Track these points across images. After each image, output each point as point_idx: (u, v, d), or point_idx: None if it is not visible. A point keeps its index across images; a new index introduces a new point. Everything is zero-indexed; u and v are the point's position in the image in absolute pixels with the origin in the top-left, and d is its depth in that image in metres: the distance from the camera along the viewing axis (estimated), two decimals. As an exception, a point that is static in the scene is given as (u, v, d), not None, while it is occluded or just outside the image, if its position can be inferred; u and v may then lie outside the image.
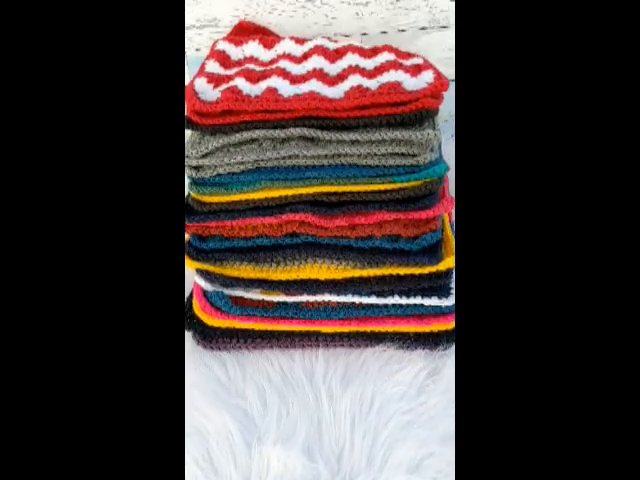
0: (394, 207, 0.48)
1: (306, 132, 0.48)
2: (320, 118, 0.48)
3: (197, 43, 0.71)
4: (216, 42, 0.61)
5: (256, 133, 0.49)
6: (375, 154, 0.48)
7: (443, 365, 0.48)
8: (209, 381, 0.47)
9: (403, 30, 0.73)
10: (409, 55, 0.57)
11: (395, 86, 0.49)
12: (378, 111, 0.48)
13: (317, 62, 0.56)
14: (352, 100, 0.47)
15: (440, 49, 0.73)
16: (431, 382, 0.46)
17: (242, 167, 0.49)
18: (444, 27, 0.72)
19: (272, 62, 0.58)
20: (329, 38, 0.61)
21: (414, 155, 0.47)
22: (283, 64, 0.56)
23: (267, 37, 0.62)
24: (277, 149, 0.49)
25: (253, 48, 0.61)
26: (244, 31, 0.69)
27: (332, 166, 0.49)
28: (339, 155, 0.48)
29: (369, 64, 0.54)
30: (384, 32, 0.73)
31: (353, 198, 0.48)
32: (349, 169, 0.48)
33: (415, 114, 0.47)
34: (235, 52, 0.61)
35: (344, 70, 0.54)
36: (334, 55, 0.57)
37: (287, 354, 0.50)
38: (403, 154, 0.48)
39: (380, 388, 0.45)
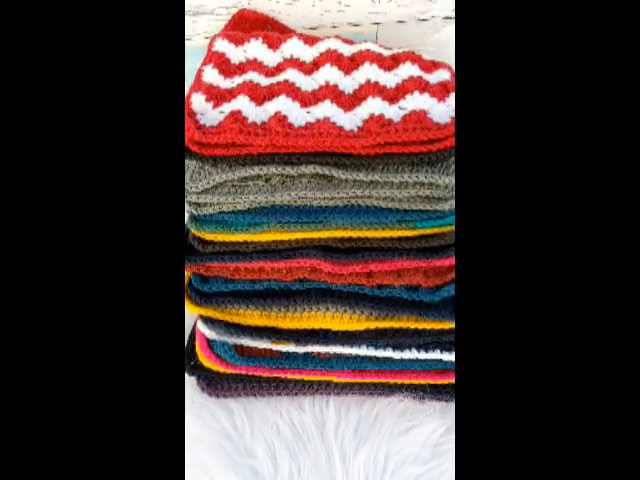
0: (415, 255, 0.44)
1: (320, 170, 0.43)
2: (336, 155, 0.43)
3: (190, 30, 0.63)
4: (214, 39, 0.54)
5: (264, 170, 0.43)
6: (396, 197, 0.43)
7: (461, 421, 0.46)
8: (215, 434, 0.45)
9: (424, 20, 0.65)
10: (434, 65, 0.50)
11: (420, 117, 0.43)
12: (401, 149, 0.42)
13: (330, 74, 0.49)
14: (373, 137, 0.42)
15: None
16: (447, 440, 0.44)
17: (248, 205, 0.45)
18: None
19: (279, 69, 0.51)
20: (342, 38, 0.54)
21: (439, 199, 0.43)
22: (291, 75, 0.50)
23: (271, 35, 0.55)
24: (287, 188, 0.44)
25: (256, 49, 0.54)
26: (245, 22, 0.61)
27: (348, 208, 0.44)
28: (356, 197, 0.44)
29: (389, 80, 0.48)
30: (401, 21, 0.65)
31: (370, 245, 0.44)
32: (366, 213, 0.43)
33: (442, 153, 0.42)
34: (236, 54, 0.54)
35: (361, 86, 0.48)
36: (349, 64, 0.50)
37: (296, 402, 0.48)
38: (427, 197, 0.43)
39: (394, 447, 0.43)
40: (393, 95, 0.46)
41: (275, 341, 0.46)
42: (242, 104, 0.46)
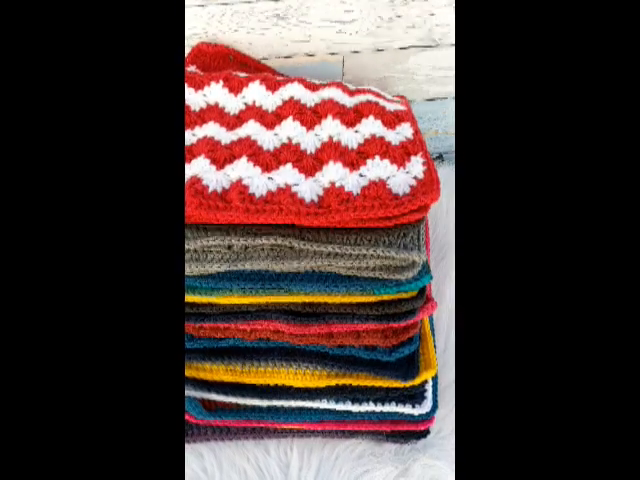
0: (374, 319, 0.46)
1: (280, 241, 0.44)
2: (297, 227, 0.44)
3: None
4: None
5: (225, 241, 0.44)
6: (355, 267, 0.44)
7: (413, 462, 0.50)
8: (186, 478, 0.48)
9: (396, 48, 0.63)
10: (397, 119, 0.50)
11: (379, 190, 0.43)
12: (359, 225, 0.43)
13: (292, 129, 0.49)
14: (332, 215, 0.42)
15: (430, 67, 0.65)
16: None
17: (211, 271, 0.45)
18: (432, 46, 0.63)
19: (240, 118, 0.51)
20: (305, 82, 0.53)
21: (397, 268, 0.44)
22: (253, 129, 0.49)
23: (232, 78, 0.53)
24: (250, 257, 0.44)
25: (217, 93, 0.53)
26: (204, 55, 0.59)
27: (309, 275, 0.45)
28: (317, 266, 0.45)
29: (351, 139, 0.48)
30: (377, 50, 0.63)
31: (330, 309, 0.46)
32: (327, 280, 0.45)
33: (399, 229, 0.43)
34: (195, 99, 0.52)
35: (323, 145, 0.48)
36: (311, 117, 0.50)
37: (262, 445, 0.51)
38: (386, 266, 0.44)
39: (352, 490, 0.48)
40: (354, 159, 0.46)
41: (240, 396, 0.48)
42: (202, 168, 0.45)
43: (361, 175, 0.45)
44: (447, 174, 0.69)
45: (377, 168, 0.46)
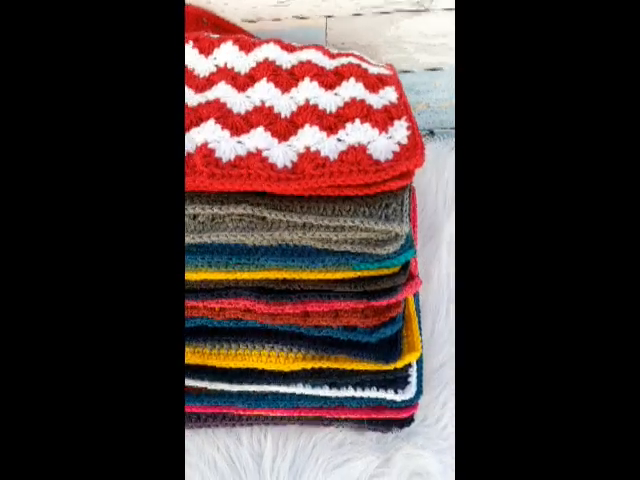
0: (352, 296, 0.42)
1: (250, 211, 0.40)
2: (268, 195, 0.40)
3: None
4: None
5: (189, 209, 0.40)
6: (332, 240, 0.41)
7: (396, 452, 0.46)
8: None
9: (382, 12, 0.59)
10: (380, 82, 0.47)
11: (359, 155, 0.40)
12: (336, 192, 0.40)
13: (266, 92, 0.45)
14: (305, 180, 0.39)
15: (420, 35, 0.61)
16: (381, 473, 0.45)
17: (175, 244, 0.42)
18: (421, 11, 0.59)
19: (210, 80, 0.47)
20: (281, 43, 0.49)
21: (377, 241, 0.41)
22: (223, 92, 0.45)
23: (204, 38, 0.49)
24: (217, 228, 0.41)
25: (186, 54, 0.49)
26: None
27: (282, 248, 0.41)
28: (290, 238, 0.41)
29: (330, 102, 0.44)
30: (357, 14, 0.59)
31: (305, 286, 0.42)
32: (301, 254, 0.41)
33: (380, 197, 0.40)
34: (165, 60, 0.48)
35: (299, 108, 0.44)
36: (287, 80, 0.46)
37: (234, 433, 0.47)
38: (365, 239, 0.41)
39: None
40: (332, 123, 0.43)
41: (208, 380, 0.45)
42: (166, 131, 0.42)
43: (339, 140, 0.42)
44: (438, 150, 0.66)
45: (357, 132, 0.42)
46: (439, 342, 0.52)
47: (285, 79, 0.46)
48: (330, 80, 0.46)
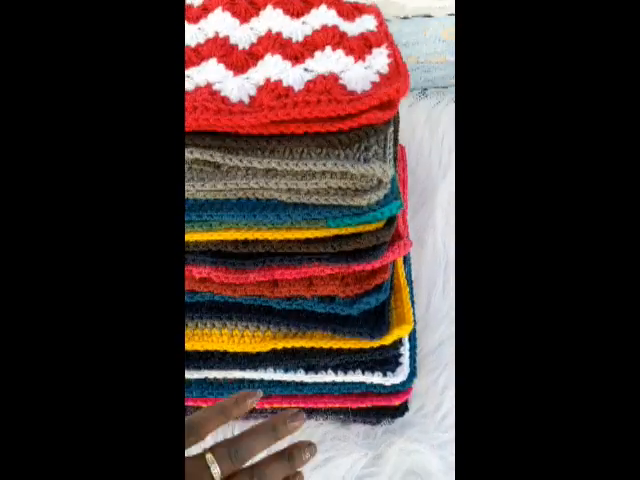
0: (328, 259, 0.35)
1: (200, 155, 0.33)
2: (221, 135, 0.33)
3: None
4: None
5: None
6: (300, 189, 0.33)
7: (388, 447, 0.39)
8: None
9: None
10: (357, 10, 0.40)
11: (329, 84, 0.33)
12: (303, 129, 0.32)
13: (222, 20, 0.39)
14: (264, 113, 0.32)
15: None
16: (370, 473, 0.38)
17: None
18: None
19: None
20: None
21: (355, 191, 0.33)
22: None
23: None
24: (160, 179, 0.34)
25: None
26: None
27: (241, 202, 0.34)
28: (250, 189, 0.34)
29: (296, 30, 0.38)
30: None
31: (272, 248, 0.35)
32: (265, 209, 0.34)
33: (356, 133, 0.33)
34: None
35: (260, 39, 0.38)
36: (246, 8, 0.40)
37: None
38: (340, 189, 0.34)
39: (309, 483, 0.37)
40: (298, 52, 0.36)
41: (161, 367, 0.37)
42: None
43: (306, 69, 0.35)
44: (429, 109, 0.59)
45: (327, 60, 0.35)
46: (437, 318, 0.45)
47: (244, 7, 0.39)
48: (297, 7, 0.39)
